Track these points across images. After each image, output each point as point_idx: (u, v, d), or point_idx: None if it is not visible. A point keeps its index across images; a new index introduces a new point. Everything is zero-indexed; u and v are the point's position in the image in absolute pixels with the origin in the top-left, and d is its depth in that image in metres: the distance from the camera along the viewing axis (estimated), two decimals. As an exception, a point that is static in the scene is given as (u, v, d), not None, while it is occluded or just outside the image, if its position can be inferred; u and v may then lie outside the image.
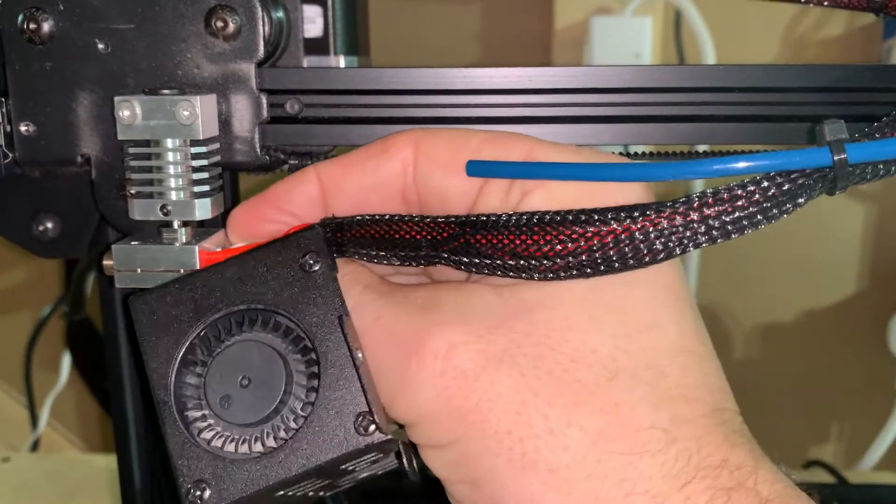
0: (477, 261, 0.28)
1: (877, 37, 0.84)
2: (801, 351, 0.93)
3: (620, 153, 0.38)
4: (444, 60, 0.88)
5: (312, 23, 0.40)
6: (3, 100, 0.35)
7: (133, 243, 0.33)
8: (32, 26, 0.33)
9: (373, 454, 0.29)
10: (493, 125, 0.34)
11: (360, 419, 0.28)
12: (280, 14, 0.35)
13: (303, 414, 0.28)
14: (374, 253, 0.30)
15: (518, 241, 0.28)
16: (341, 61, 0.41)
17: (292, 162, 0.35)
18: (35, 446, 0.92)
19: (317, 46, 0.40)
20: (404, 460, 0.30)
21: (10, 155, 0.35)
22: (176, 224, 0.33)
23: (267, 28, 0.34)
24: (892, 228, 0.90)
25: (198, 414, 0.29)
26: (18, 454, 0.83)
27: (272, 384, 0.28)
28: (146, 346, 0.29)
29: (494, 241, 0.28)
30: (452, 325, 0.28)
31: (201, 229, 0.35)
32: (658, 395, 0.27)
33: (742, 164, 0.26)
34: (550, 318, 0.27)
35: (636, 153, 0.38)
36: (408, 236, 0.30)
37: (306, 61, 0.39)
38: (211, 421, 0.28)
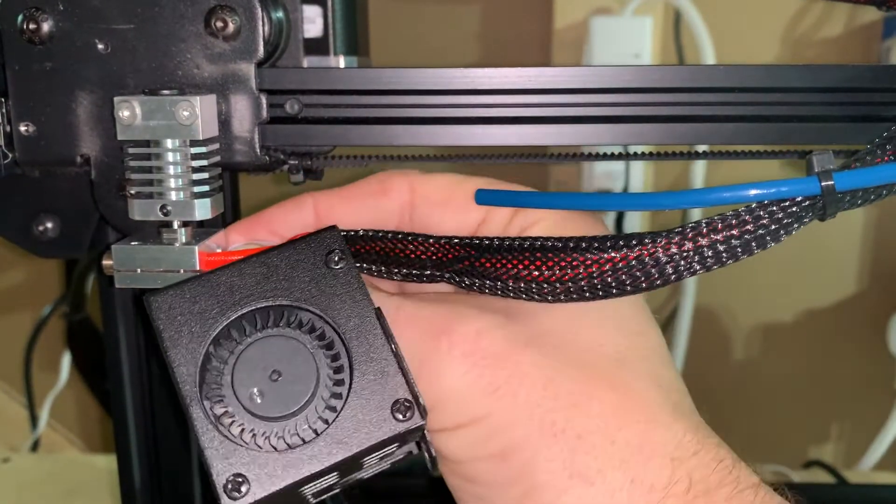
0: (479, 282, 0.30)
1: (877, 37, 0.84)
2: (801, 351, 0.93)
3: (620, 153, 0.38)
4: (444, 60, 0.88)
5: (312, 23, 0.40)
6: (3, 100, 0.35)
7: (133, 243, 0.33)
8: (32, 27, 0.33)
9: (398, 443, 0.29)
10: (493, 125, 0.34)
11: (396, 405, 0.28)
12: (280, 14, 0.35)
13: (335, 405, 0.29)
14: (375, 268, 0.32)
15: (521, 266, 0.29)
16: (341, 61, 0.41)
17: (292, 162, 0.36)
18: (35, 446, 0.92)
19: (317, 46, 0.40)
20: (425, 450, 0.30)
21: (10, 155, 0.35)
22: (176, 224, 0.33)
23: (267, 28, 0.34)
24: (892, 228, 0.90)
25: (227, 409, 0.29)
26: (18, 454, 0.83)
27: (303, 377, 0.29)
28: (168, 343, 0.29)
29: (498, 265, 0.29)
30: (476, 315, 0.29)
31: (201, 229, 0.35)
32: (658, 383, 0.29)
33: (735, 194, 0.28)
34: (563, 314, 0.30)
35: (636, 153, 0.38)
36: (413, 255, 0.31)
37: (306, 61, 0.39)
38: (241, 415, 0.29)
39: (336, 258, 0.30)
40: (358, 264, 0.31)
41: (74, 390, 0.91)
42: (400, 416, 0.28)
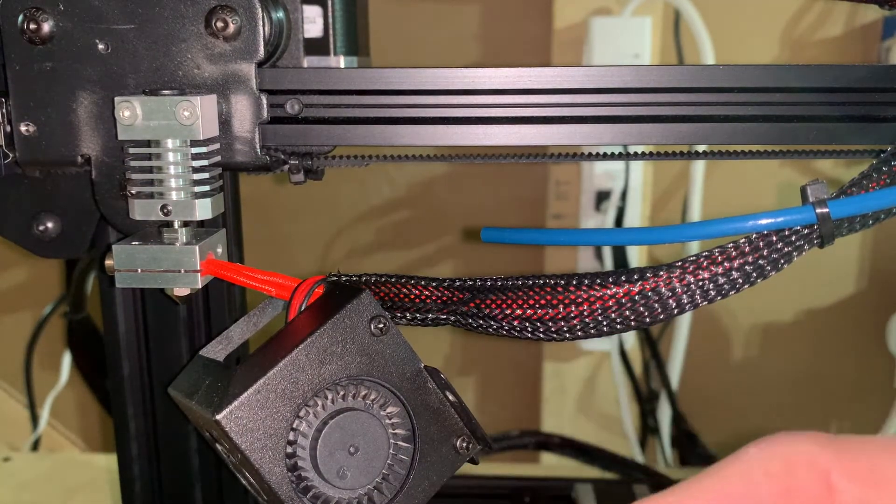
0: (485, 323, 0.30)
1: (876, 37, 0.84)
2: (801, 351, 0.93)
3: (620, 153, 0.38)
4: (444, 60, 0.88)
5: (312, 23, 0.40)
6: (4, 100, 0.35)
7: (134, 243, 0.33)
8: (32, 27, 0.33)
9: None
10: (493, 125, 0.34)
11: (457, 441, 0.32)
12: (280, 14, 0.35)
13: (408, 458, 0.31)
14: None
15: (526, 305, 0.29)
16: (341, 61, 0.41)
17: (292, 162, 0.36)
18: (35, 446, 0.92)
19: (317, 46, 0.40)
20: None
21: (11, 155, 0.35)
22: (176, 224, 0.33)
23: (267, 28, 0.34)
24: (892, 228, 0.90)
25: (319, 491, 0.31)
26: (19, 454, 0.83)
27: (377, 444, 0.31)
28: (249, 452, 0.30)
29: (503, 305, 0.30)
30: None
31: (202, 229, 0.35)
32: None
33: (733, 226, 0.28)
34: None
35: (636, 153, 0.38)
36: (418, 300, 0.31)
37: (306, 61, 0.39)
38: (333, 493, 0.31)
39: (380, 325, 0.31)
40: None
41: (75, 390, 0.91)
42: (463, 450, 0.32)
